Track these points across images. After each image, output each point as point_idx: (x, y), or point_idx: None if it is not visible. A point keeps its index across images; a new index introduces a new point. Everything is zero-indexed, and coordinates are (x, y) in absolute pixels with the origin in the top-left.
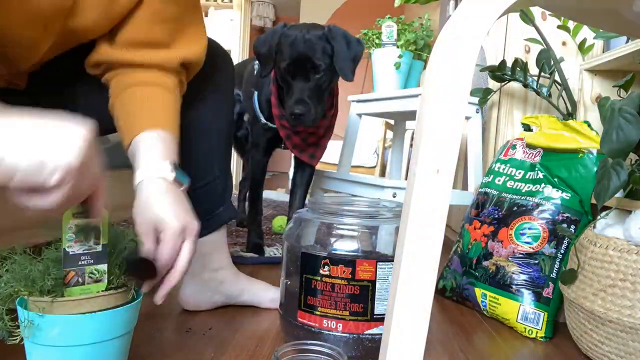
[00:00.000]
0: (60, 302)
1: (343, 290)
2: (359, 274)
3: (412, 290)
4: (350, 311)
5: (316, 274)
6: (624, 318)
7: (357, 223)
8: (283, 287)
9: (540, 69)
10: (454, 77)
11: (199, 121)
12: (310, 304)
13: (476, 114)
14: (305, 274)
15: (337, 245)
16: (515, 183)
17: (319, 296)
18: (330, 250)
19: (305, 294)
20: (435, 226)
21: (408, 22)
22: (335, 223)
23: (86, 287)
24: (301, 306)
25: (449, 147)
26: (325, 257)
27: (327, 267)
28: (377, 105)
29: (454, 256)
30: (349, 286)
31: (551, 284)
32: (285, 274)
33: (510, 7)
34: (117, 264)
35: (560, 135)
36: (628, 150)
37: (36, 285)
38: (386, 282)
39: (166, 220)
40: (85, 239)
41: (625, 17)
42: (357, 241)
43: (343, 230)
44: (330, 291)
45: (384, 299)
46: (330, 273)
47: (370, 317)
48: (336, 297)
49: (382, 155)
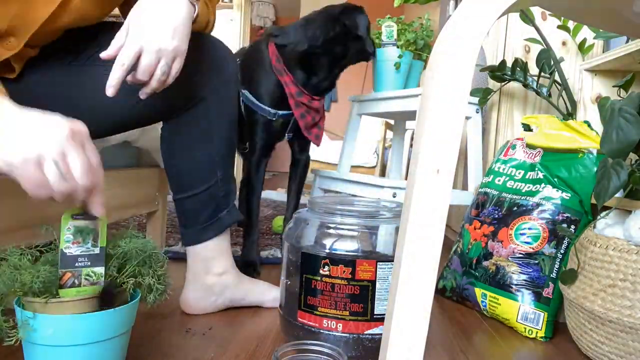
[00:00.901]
0: (55, 303)
1: (343, 290)
2: (359, 274)
3: (412, 290)
4: (351, 311)
5: (316, 274)
6: (624, 318)
7: (357, 223)
8: (283, 287)
9: (540, 69)
10: (454, 77)
11: (201, 124)
12: (310, 304)
13: (476, 114)
14: (306, 274)
15: (337, 245)
16: (515, 183)
17: (319, 296)
18: (331, 250)
19: (306, 294)
20: (435, 226)
21: (408, 22)
22: (335, 223)
23: (82, 289)
24: (301, 306)
25: (449, 147)
26: (325, 257)
27: (327, 267)
28: (377, 105)
29: (454, 256)
30: (349, 286)
31: (551, 284)
32: (285, 274)
33: (510, 7)
34: (114, 266)
35: (560, 135)
36: (628, 150)
37: (25, 286)
38: (386, 282)
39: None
40: (84, 241)
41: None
42: (357, 241)
43: (343, 230)
44: (330, 291)
45: (384, 299)
46: (331, 273)
47: (370, 317)
48: (336, 297)
49: (382, 155)
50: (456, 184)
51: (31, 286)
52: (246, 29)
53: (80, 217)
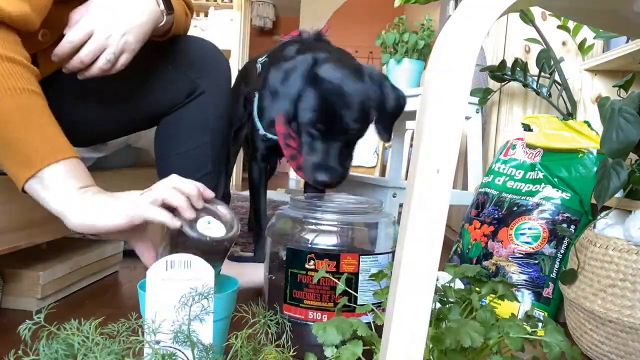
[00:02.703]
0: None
1: (328, 283)
2: (343, 267)
3: (412, 290)
4: (335, 303)
5: (302, 268)
6: (624, 318)
7: (339, 219)
8: (266, 282)
9: (540, 69)
10: (454, 77)
11: (191, 118)
12: (295, 297)
13: (476, 114)
14: (291, 268)
15: (322, 240)
16: (515, 183)
17: (305, 289)
18: (316, 245)
19: (291, 288)
20: (435, 226)
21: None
22: (320, 219)
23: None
24: (287, 299)
25: (449, 147)
26: (310, 252)
27: (312, 261)
28: None
29: (454, 256)
30: (333, 279)
31: (551, 284)
32: (269, 269)
33: (510, 7)
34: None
35: (560, 135)
36: (628, 150)
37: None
38: (368, 274)
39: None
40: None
41: (625, 17)
42: (341, 236)
43: (327, 226)
44: (315, 284)
45: (366, 290)
46: (316, 267)
47: (354, 308)
48: (321, 289)
49: (382, 155)
50: (456, 184)
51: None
52: (246, 29)
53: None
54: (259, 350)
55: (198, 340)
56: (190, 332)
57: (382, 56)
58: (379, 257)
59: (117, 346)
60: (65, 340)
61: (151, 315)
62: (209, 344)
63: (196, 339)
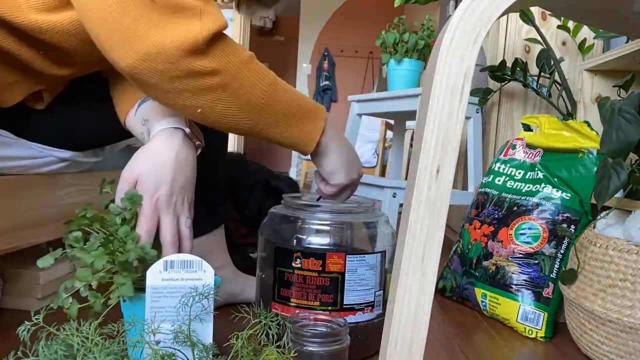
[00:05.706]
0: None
1: (314, 282)
2: (329, 266)
3: (412, 290)
4: (321, 302)
5: (289, 267)
6: (624, 318)
7: (327, 218)
8: (258, 279)
9: (540, 69)
10: (454, 77)
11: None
12: (283, 295)
13: (476, 114)
14: (279, 267)
15: (308, 239)
16: (515, 183)
17: (292, 288)
18: (303, 244)
19: (279, 286)
20: (435, 226)
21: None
22: (307, 218)
23: None
24: (275, 297)
25: (449, 147)
26: (297, 251)
27: (299, 260)
28: (377, 105)
29: (454, 256)
30: (319, 278)
31: (551, 284)
32: (260, 267)
33: (510, 7)
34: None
35: (560, 135)
36: (628, 150)
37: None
38: (355, 273)
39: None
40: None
41: (625, 17)
42: (327, 235)
43: (315, 225)
44: (302, 283)
45: (352, 289)
46: (302, 266)
47: (340, 307)
48: (307, 288)
49: (382, 155)
50: (456, 184)
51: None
52: (246, 29)
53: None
54: (259, 351)
55: (198, 341)
56: (190, 332)
57: (382, 56)
58: (366, 257)
59: (116, 346)
60: (64, 341)
61: (151, 315)
62: (209, 343)
63: (196, 339)
